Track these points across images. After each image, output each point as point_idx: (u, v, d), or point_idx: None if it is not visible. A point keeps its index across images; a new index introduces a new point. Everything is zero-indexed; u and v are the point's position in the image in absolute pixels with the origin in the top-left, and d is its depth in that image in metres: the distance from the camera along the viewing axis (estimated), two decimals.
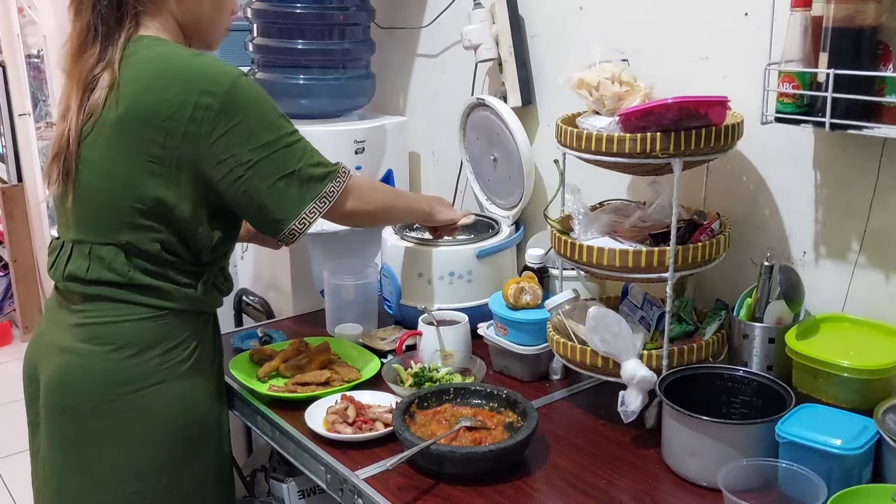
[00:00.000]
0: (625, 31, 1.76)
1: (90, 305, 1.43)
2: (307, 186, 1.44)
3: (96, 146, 1.39)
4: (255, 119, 1.39)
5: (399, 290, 1.89)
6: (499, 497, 1.29)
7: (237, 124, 1.37)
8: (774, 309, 1.48)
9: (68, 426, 1.45)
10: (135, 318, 1.42)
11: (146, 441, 1.44)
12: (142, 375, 1.42)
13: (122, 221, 1.40)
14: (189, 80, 1.36)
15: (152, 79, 1.37)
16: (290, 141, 1.43)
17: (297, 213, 1.43)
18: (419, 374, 1.63)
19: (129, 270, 1.41)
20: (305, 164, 1.44)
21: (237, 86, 1.38)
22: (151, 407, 1.43)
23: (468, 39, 2.01)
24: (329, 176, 1.46)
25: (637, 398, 1.40)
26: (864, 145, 1.43)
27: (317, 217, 1.45)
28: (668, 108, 1.35)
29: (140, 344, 1.42)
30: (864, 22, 1.27)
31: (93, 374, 1.42)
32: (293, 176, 1.42)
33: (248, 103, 1.39)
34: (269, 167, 1.40)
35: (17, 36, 3.97)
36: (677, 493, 1.31)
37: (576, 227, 1.58)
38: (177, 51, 1.41)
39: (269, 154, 1.40)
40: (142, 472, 1.44)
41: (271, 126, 1.41)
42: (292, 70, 2.12)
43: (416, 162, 2.40)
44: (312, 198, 1.44)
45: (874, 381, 1.31)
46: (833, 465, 1.19)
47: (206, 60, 1.40)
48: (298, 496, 1.83)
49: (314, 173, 1.44)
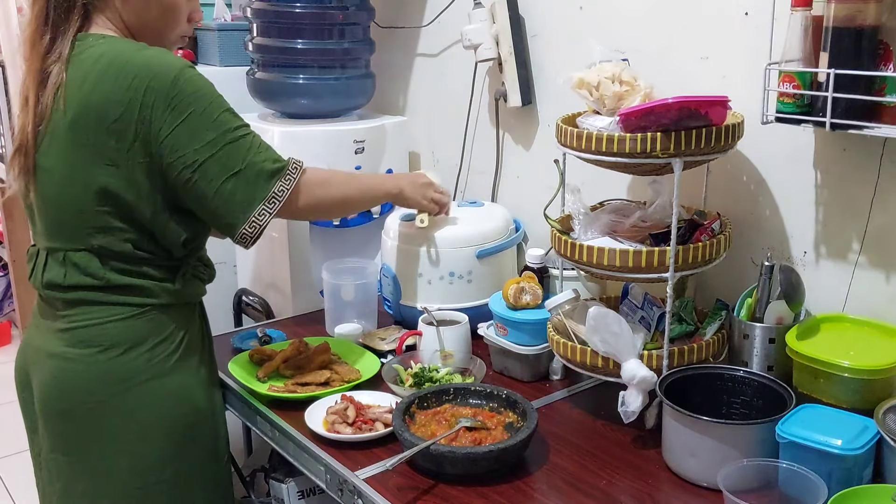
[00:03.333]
0: (625, 31, 1.76)
1: (73, 310, 1.43)
2: (255, 186, 1.39)
3: (51, 154, 1.38)
4: (198, 116, 1.35)
5: (399, 290, 1.89)
6: (499, 497, 1.29)
7: (181, 123, 1.34)
8: (775, 309, 1.48)
9: (67, 429, 1.45)
10: (118, 317, 1.42)
11: (146, 436, 1.44)
12: (133, 373, 1.43)
13: (89, 226, 1.39)
14: (133, 79, 1.33)
15: (97, 80, 1.35)
16: (234, 137, 1.38)
17: (247, 216, 1.40)
18: (419, 374, 1.62)
19: (106, 273, 1.41)
20: (252, 162, 1.39)
21: (179, 80, 1.34)
22: (147, 402, 1.44)
23: (468, 39, 2.01)
24: (278, 174, 1.42)
25: (637, 398, 1.40)
26: (864, 145, 1.43)
27: (269, 218, 1.41)
28: (668, 107, 1.35)
29: (127, 342, 1.42)
30: (865, 22, 1.27)
31: (84, 377, 1.42)
32: (240, 175, 1.38)
33: (191, 99, 1.35)
34: (214, 167, 1.36)
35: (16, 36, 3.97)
36: (677, 493, 1.31)
37: (576, 227, 1.57)
38: (121, 47, 1.38)
39: (214, 153, 1.36)
40: (145, 466, 1.45)
41: (214, 122, 1.36)
42: (292, 70, 2.12)
43: (416, 162, 2.39)
44: (262, 199, 1.40)
45: (874, 382, 1.31)
46: (833, 466, 1.19)
47: (150, 54, 1.37)
48: (298, 496, 1.83)
49: (262, 170, 1.40)
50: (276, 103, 2.21)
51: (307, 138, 2.08)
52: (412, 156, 2.36)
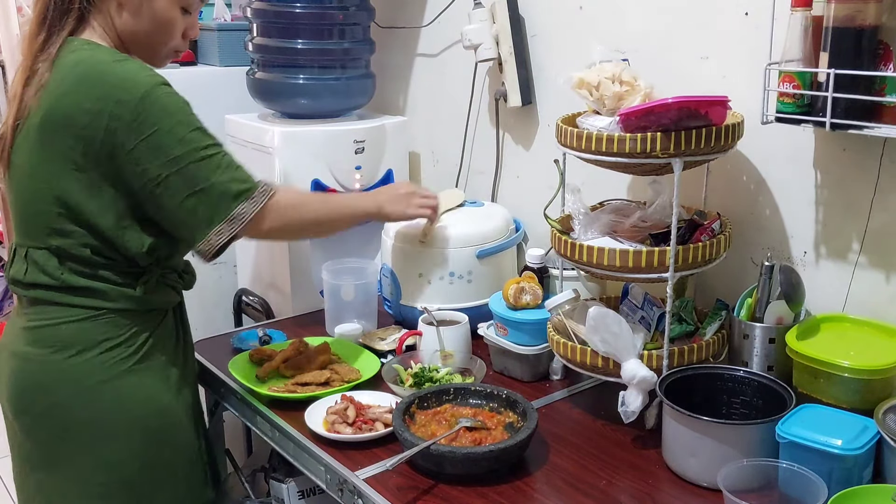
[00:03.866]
0: (625, 31, 1.76)
1: (33, 309, 1.44)
2: (217, 205, 1.37)
3: (22, 150, 1.39)
4: (166, 133, 1.34)
5: (399, 290, 1.89)
6: (499, 497, 1.29)
7: (147, 137, 1.33)
8: (775, 309, 1.48)
9: (31, 426, 1.46)
10: (72, 319, 1.42)
11: (104, 435, 1.44)
12: (87, 374, 1.42)
13: (49, 227, 1.39)
14: (105, 89, 1.33)
15: (71, 86, 1.35)
16: (202, 155, 1.36)
17: (204, 233, 1.38)
18: (419, 374, 1.62)
19: (62, 273, 1.41)
20: (218, 181, 1.37)
21: (150, 97, 1.33)
22: (103, 402, 1.43)
23: (468, 39, 2.00)
24: (243, 195, 1.39)
25: (637, 398, 1.40)
26: (864, 145, 1.43)
27: (226, 238, 1.39)
28: (668, 107, 1.35)
29: (80, 344, 1.42)
30: (865, 22, 1.27)
31: (40, 377, 1.43)
32: (203, 193, 1.36)
33: (160, 116, 1.33)
34: (178, 183, 1.35)
35: (16, 36, 3.97)
36: (677, 493, 1.30)
37: (576, 227, 1.57)
38: (101, 56, 1.37)
39: (178, 169, 1.35)
40: (107, 466, 1.45)
41: (182, 140, 1.35)
42: (292, 70, 2.12)
43: (416, 162, 2.39)
44: (221, 218, 1.38)
45: (874, 382, 1.31)
46: (833, 466, 1.19)
47: (127, 67, 1.36)
48: (298, 496, 1.83)
49: (226, 190, 1.38)
50: (276, 103, 2.21)
51: (307, 138, 2.08)
52: (412, 156, 2.36)
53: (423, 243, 1.82)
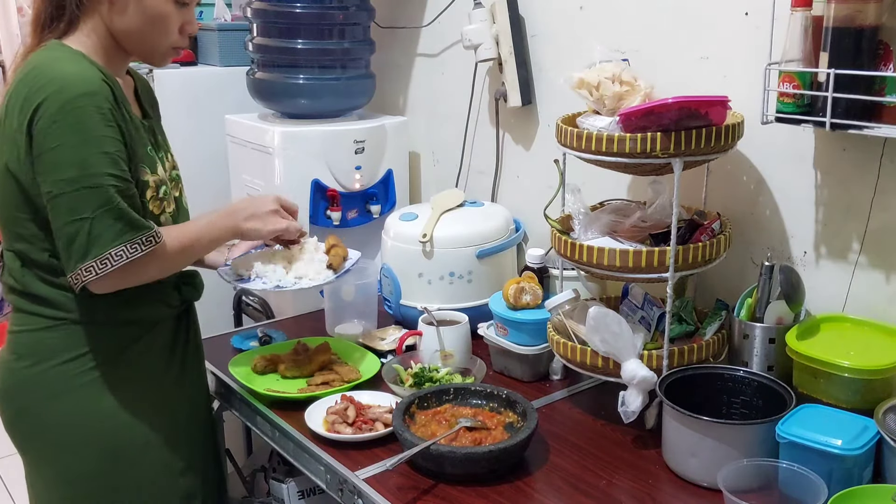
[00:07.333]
0: (625, 31, 1.76)
1: (12, 314, 1.45)
2: (94, 241, 1.28)
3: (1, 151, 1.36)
4: (69, 149, 1.27)
5: (399, 290, 1.89)
6: (499, 497, 1.29)
7: (52, 149, 1.27)
8: (775, 309, 1.48)
9: (9, 430, 1.48)
10: (30, 328, 1.41)
11: (66, 448, 1.43)
12: (42, 385, 1.41)
13: (10, 229, 1.39)
14: (33, 93, 1.29)
15: (14, 88, 1.33)
16: (96, 183, 1.28)
17: (75, 265, 1.29)
18: (419, 374, 1.62)
19: (24, 277, 1.40)
20: (101, 215, 1.28)
21: (69, 106, 1.27)
22: (59, 415, 1.42)
23: (468, 39, 2.00)
24: (124, 236, 1.30)
25: (637, 398, 1.40)
26: (864, 145, 1.43)
27: (92, 278, 1.29)
28: (668, 107, 1.35)
29: (36, 355, 1.41)
30: (865, 22, 1.27)
31: (8, 383, 1.44)
32: (85, 223, 1.28)
33: (71, 129, 1.27)
34: (65, 205, 1.28)
35: (16, 36, 3.97)
36: (677, 493, 1.30)
37: (576, 227, 1.57)
38: (49, 56, 1.34)
39: (69, 191, 1.28)
40: (70, 477, 1.45)
41: (82, 162, 1.27)
42: (292, 70, 2.12)
43: (416, 162, 2.39)
44: (95, 255, 1.29)
45: (874, 382, 1.31)
46: (833, 466, 1.19)
47: (64, 71, 1.30)
48: (298, 496, 1.83)
49: (107, 228, 1.29)
50: (276, 103, 2.21)
51: (307, 138, 2.08)
52: (412, 156, 2.36)
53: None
